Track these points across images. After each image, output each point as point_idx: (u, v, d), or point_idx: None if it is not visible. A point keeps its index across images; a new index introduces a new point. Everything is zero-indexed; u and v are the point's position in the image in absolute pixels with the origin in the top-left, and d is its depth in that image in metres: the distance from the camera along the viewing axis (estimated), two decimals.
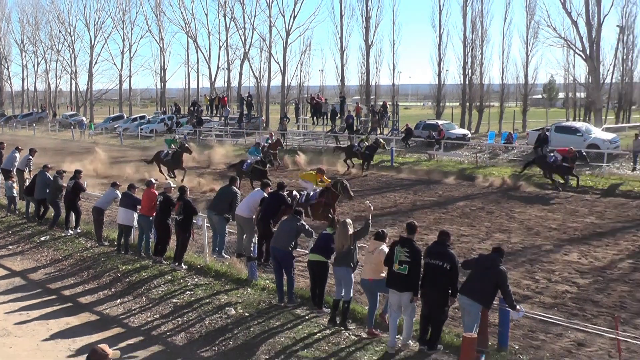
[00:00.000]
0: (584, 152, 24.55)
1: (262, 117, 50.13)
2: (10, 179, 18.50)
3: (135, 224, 13.88)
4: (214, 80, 60.15)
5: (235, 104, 54.81)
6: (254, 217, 11.84)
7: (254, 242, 11.89)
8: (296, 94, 53.81)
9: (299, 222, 10.45)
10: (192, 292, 11.25)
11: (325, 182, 16.37)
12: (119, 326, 10.26)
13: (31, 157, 19.87)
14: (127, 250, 13.79)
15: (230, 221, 12.45)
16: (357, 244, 9.64)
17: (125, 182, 15.82)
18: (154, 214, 13.00)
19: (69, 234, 15.58)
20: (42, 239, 15.48)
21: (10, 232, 16.57)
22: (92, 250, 14.35)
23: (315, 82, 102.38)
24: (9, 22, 75.89)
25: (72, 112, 67.80)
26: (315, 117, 42.57)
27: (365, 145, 28.11)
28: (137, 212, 13.57)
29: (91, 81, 68.57)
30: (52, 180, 16.42)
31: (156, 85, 67.86)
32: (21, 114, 70.17)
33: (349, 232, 9.41)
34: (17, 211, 18.46)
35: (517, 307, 8.38)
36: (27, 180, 18.50)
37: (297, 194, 13.12)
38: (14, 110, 75.95)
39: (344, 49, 51.12)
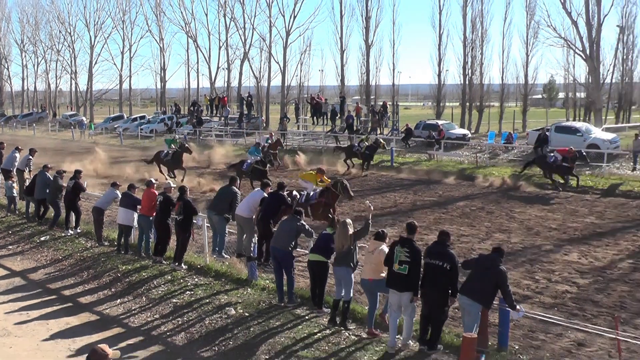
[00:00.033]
0: (584, 152, 24.56)
1: (262, 117, 50.10)
2: (10, 179, 18.50)
3: (135, 224, 13.89)
4: (214, 80, 60.20)
5: (235, 104, 54.78)
6: (254, 217, 11.84)
7: (254, 242, 11.89)
8: (296, 94, 53.80)
9: (299, 222, 10.45)
10: (192, 292, 11.24)
11: (325, 182, 16.38)
12: (119, 326, 10.26)
13: (31, 157, 19.88)
14: (127, 250, 13.80)
15: (230, 221, 12.45)
16: (357, 244, 9.64)
17: (125, 182, 15.81)
18: (154, 214, 13.01)
19: (69, 234, 15.58)
20: (42, 239, 15.48)
21: (10, 232, 16.57)
22: (92, 250, 14.35)
23: (315, 82, 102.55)
24: (9, 22, 76.07)
25: (72, 112, 67.85)
26: (315, 117, 42.55)
27: (365, 145, 28.10)
28: (137, 212, 13.57)
29: (91, 81, 68.69)
30: (52, 180, 16.43)
31: (156, 85, 68.04)
32: (21, 114, 70.21)
33: (349, 232, 9.41)
34: (17, 211, 18.46)
35: (517, 307, 8.37)
36: (27, 180, 18.50)
37: (297, 194, 13.12)
38: (14, 110, 75.99)
39: (344, 49, 51.21)
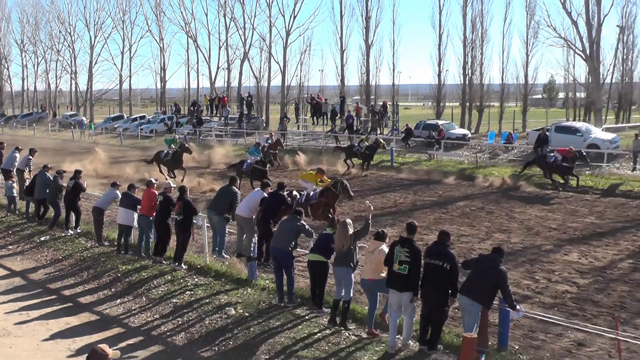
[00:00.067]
0: (584, 152, 24.53)
1: (262, 117, 50.17)
2: (10, 179, 18.52)
3: (135, 224, 13.90)
4: (214, 80, 60.27)
5: (235, 104, 54.85)
6: (254, 217, 11.85)
7: (254, 242, 11.91)
8: (296, 94, 53.86)
9: (299, 222, 10.46)
10: (192, 292, 11.25)
11: (325, 182, 16.39)
12: (119, 326, 10.27)
13: (31, 157, 19.90)
14: (127, 250, 13.81)
15: (230, 221, 12.46)
16: (357, 244, 9.65)
17: (125, 182, 15.83)
18: (154, 214, 13.02)
19: (69, 234, 15.59)
20: (42, 239, 15.50)
21: (10, 232, 16.59)
22: (92, 250, 14.36)
23: (315, 82, 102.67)
24: (9, 22, 76.20)
25: (72, 112, 67.97)
26: (315, 117, 42.61)
27: (365, 145, 28.13)
28: (137, 212, 13.59)
29: (91, 81, 68.78)
30: (52, 180, 16.44)
31: (156, 85, 68.14)
32: (21, 114, 70.34)
33: (349, 232, 9.42)
34: (17, 211, 18.48)
35: (517, 307, 8.38)
36: (27, 180, 18.52)
37: (297, 194, 13.13)
38: (14, 110, 76.11)
39: (344, 49, 51.26)
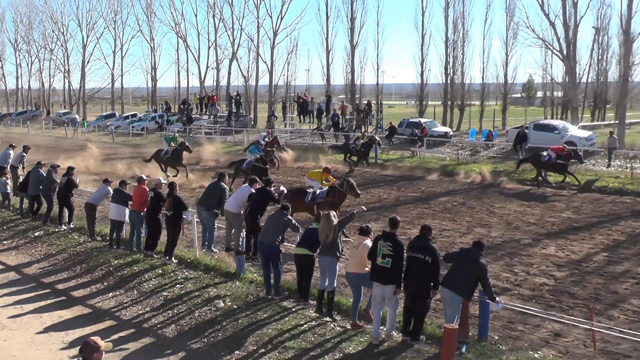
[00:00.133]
0: (579, 151, 24.36)
1: (251, 116, 50.19)
2: (4, 176, 18.63)
3: (126, 220, 14.03)
4: (203, 79, 60.45)
5: (224, 102, 54.93)
6: (242, 213, 11.96)
7: (242, 237, 12.02)
8: (283, 92, 53.82)
9: (285, 217, 10.61)
10: (182, 286, 11.39)
11: (330, 182, 16.29)
12: (111, 319, 10.39)
13: (25, 154, 20.05)
14: (119, 244, 13.97)
15: (219, 216, 12.60)
16: (341, 235, 9.82)
17: (117, 179, 15.92)
18: (145, 210, 13.18)
19: (62, 229, 15.73)
20: (36, 234, 15.63)
21: (4, 227, 16.71)
22: (85, 245, 14.49)
23: (301, 81, 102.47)
24: (3, 22, 76.35)
25: (66, 110, 68.03)
26: (301, 116, 42.92)
27: (361, 142, 28.29)
28: (129, 207, 13.72)
29: (84, 80, 68.77)
30: (45, 174, 16.57)
31: (147, 84, 68.41)
32: (15, 112, 70.39)
33: (333, 223, 9.52)
34: (11, 207, 18.58)
35: (497, 299, 8.53)
36: (21, 176, 18.66)
37: (284, 190, 13.30)
38: (8, 108, 76.03)
39: (329, 49, 51.52)
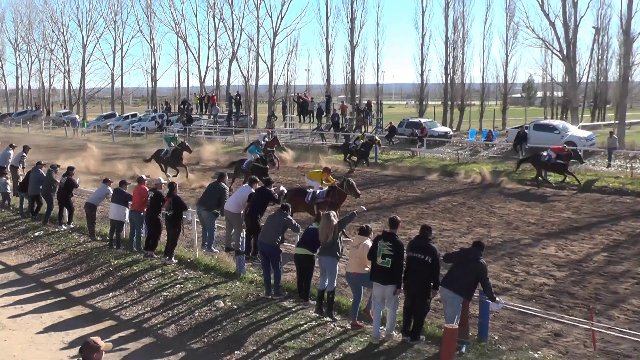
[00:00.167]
0: (579, 151, 24.37)
1: (250, 116, 50.26)
2: (4, 176, 18.65)
3: (126, 219, 14.04)
4: (203, 79, 60.50)
5: (224, 102, 54.98)
6: (242, 213, 11.97)
7: (242, 237, 12.04)
8: (283, 92, 53.87)
9: (285, 217, 10.61)
10: (182, 286, 11.39)
11: (330, 182, 16.26)
12: (111, 319, 10.40)
13: (25, 154, 20.06)
14: (119, 244, 13.98)
15: (219, 216, 12.61)
16: (341, 235, 9.82)
17: (117, 179, 15.93)
18: (145, 210, 13.19)
19: (62, 229, 15.74)
20: (36, 234, 15.64)
21: (4, 227, 16.72)
22: (85, 245, 14.50)
23: (301, 81, 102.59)
24: (3, 22, 76.46)
25: (66, 110, 68.10)
26: (301, 116, 42.97)
27: (361, 142, 28.31)
28: (129, 207, 13.73)
29: (84, 80, 68.83)
30: (46, 174, 16.57)
31: (147, 84, 68.50)
32: (15, 112, 70.50)
33: (333, 223, 9.53)
34: (11, 207, 18.59)
35: (497, 299, 8.54)
36: (21, 176, 18.67)
37: (284, 190, 13.30)
38: (8, 108, 76.09)
39: (329, 49, 51.56)
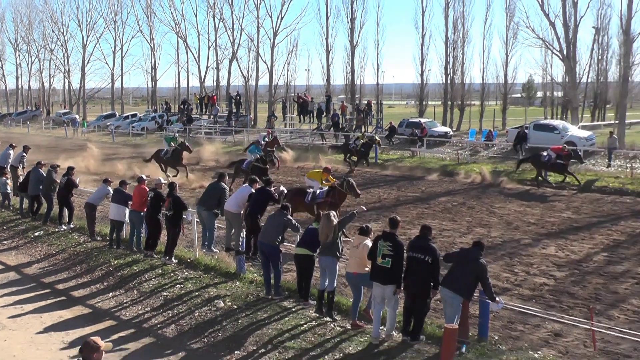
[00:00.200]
0: (579, 151, 24.36)
1: (251, 116, 50.29)
2: (4, 176, 18.65)
3: (126, 219, 14.04)
4: (203, 79, 60.54)
5: (224, 102, 55.01)
6: (242, 213, 11.98)
7: (242, 237, 12.04)
8: (283, 92, 53.90)
9: (285, 217, 10.62)
10: (182, 286, 11.40)
11: (330, 182, 16.24)
12: (111, 319, 10.41)
13: (25, 154, 20.07)
14: (119, 244, 13.98)
15: (219, 216, 12.61)
16: (341, 235, 9.83)
17: (117, 179, 15.93)
18: (145, 210, 13.19)
19: (62, 229, 15.74)
20: (36, 234, 15.64)
21: (4, 227, 16.72)
22: (85, 245, 14.50)
23: (301, 81, 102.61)
24: (3, 22, 76.54)
25: (66, 110, 68.16)
26: (301, 116, 43.00)
27: (361, 142, 28.32)
28: (129, 207, 13.73)
29: (84, 80, 68.90)
30: (46, 174, 16.57)
31: (147, 84, 68.56)
32: (15, 112, 70.56)
33: (333, 223, 9.53)
34: (11, 207, 18.59)
35: (497, 299, 8.54)
36: (21, 176, 18.68)
37: (284, 190, 13.31)
38: (8, 108, 76.12)
39: (329, 49, 51.59)
